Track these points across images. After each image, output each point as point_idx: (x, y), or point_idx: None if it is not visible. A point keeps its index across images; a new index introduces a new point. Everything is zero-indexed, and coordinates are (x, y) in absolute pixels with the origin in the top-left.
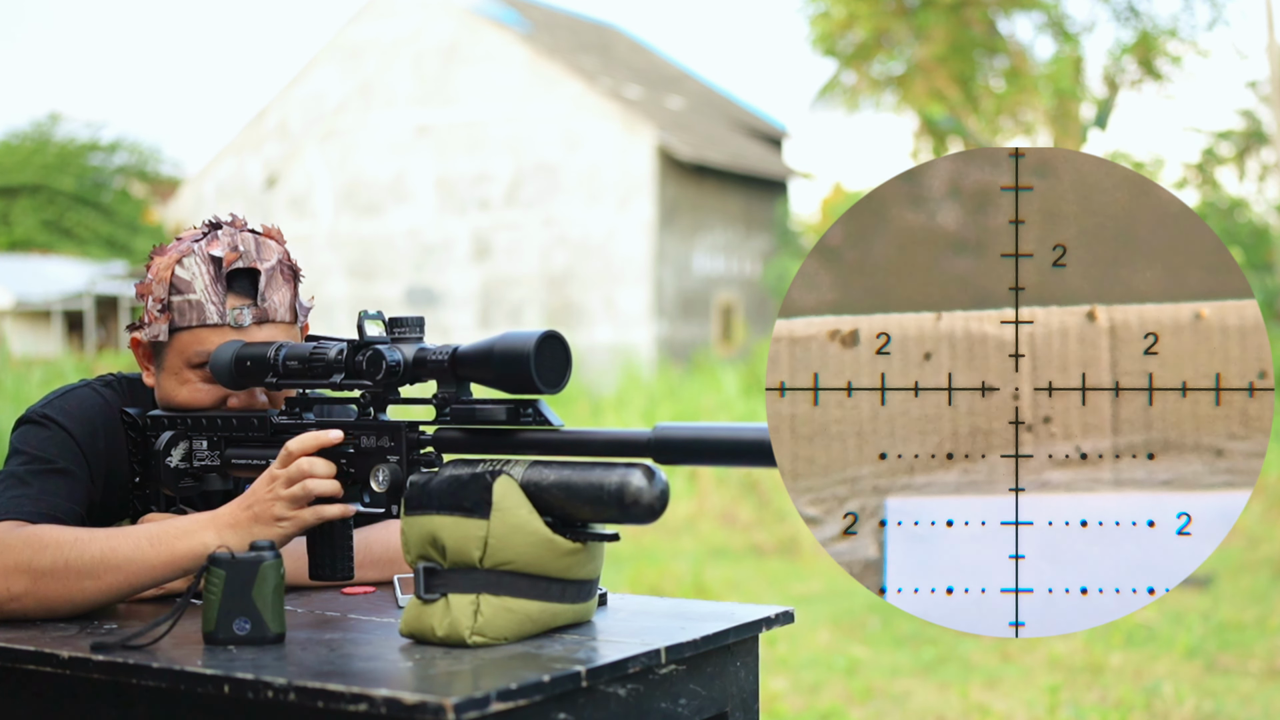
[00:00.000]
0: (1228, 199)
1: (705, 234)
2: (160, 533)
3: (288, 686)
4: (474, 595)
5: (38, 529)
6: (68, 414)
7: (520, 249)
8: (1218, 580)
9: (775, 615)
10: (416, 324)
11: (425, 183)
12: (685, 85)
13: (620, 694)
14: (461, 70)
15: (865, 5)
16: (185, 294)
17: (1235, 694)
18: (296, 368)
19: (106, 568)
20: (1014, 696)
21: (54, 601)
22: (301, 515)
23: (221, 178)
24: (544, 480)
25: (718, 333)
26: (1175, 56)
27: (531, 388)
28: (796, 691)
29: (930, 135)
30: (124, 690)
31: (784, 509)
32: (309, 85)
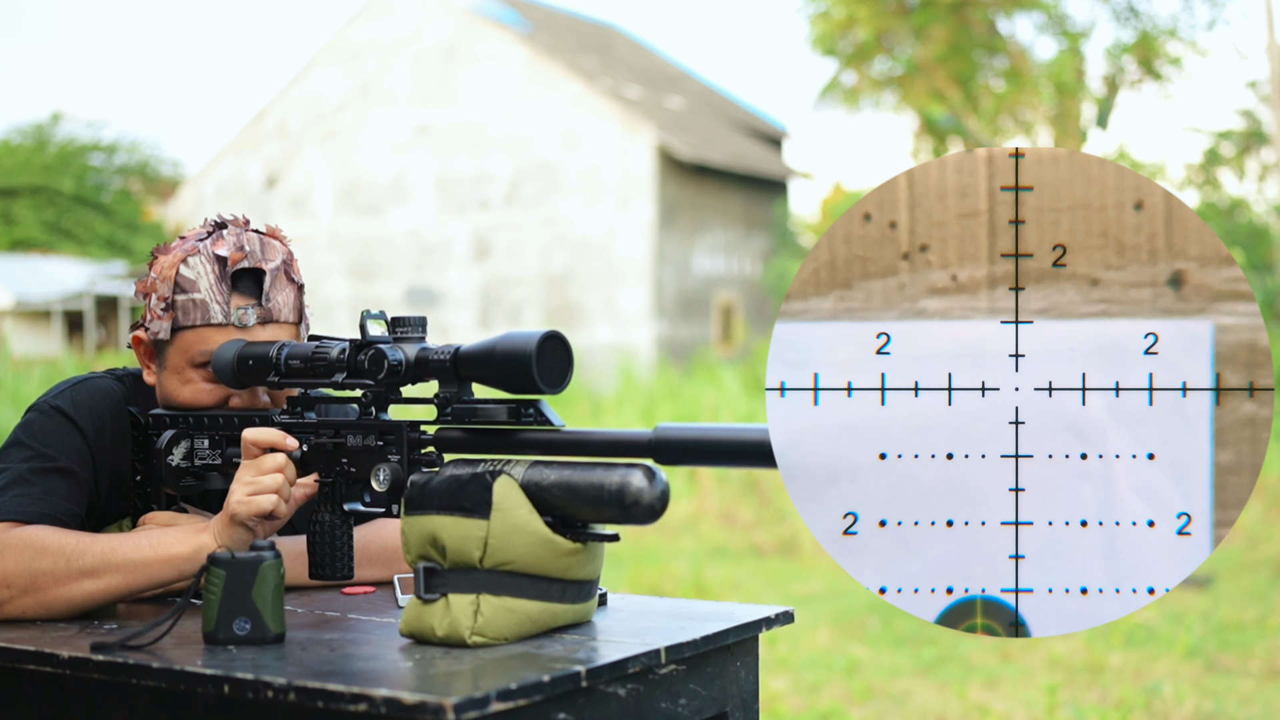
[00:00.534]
0: (1228, 199)
1: (705, 234)
2: (160, 535)
3: (288, 686)
4: (474, 595)
5: (37, 530)
6: (78, 406)
7: (520, 249)
8: (1218, 580)
9: (775, 615)
10: (419, 324)
11: (425, 183)
12: (685, 85)
13: (620, 694)
14: (461, 70)
15: (865, 5)
16: (190, 293)
17: (1235, 694)
18: (298, 367)
19: (106, 568)
20: (1014, 696)
21: (52, 602)
22: (256, 503)
23: (221, 178)
24: (544, 480)
25: (718, 333)
26: (1175, 57)
27: (533, 388)
28: (796, 691)
29: (930, 135)
30: (124, 690)
31: (784, 509)
32: (309, 85)
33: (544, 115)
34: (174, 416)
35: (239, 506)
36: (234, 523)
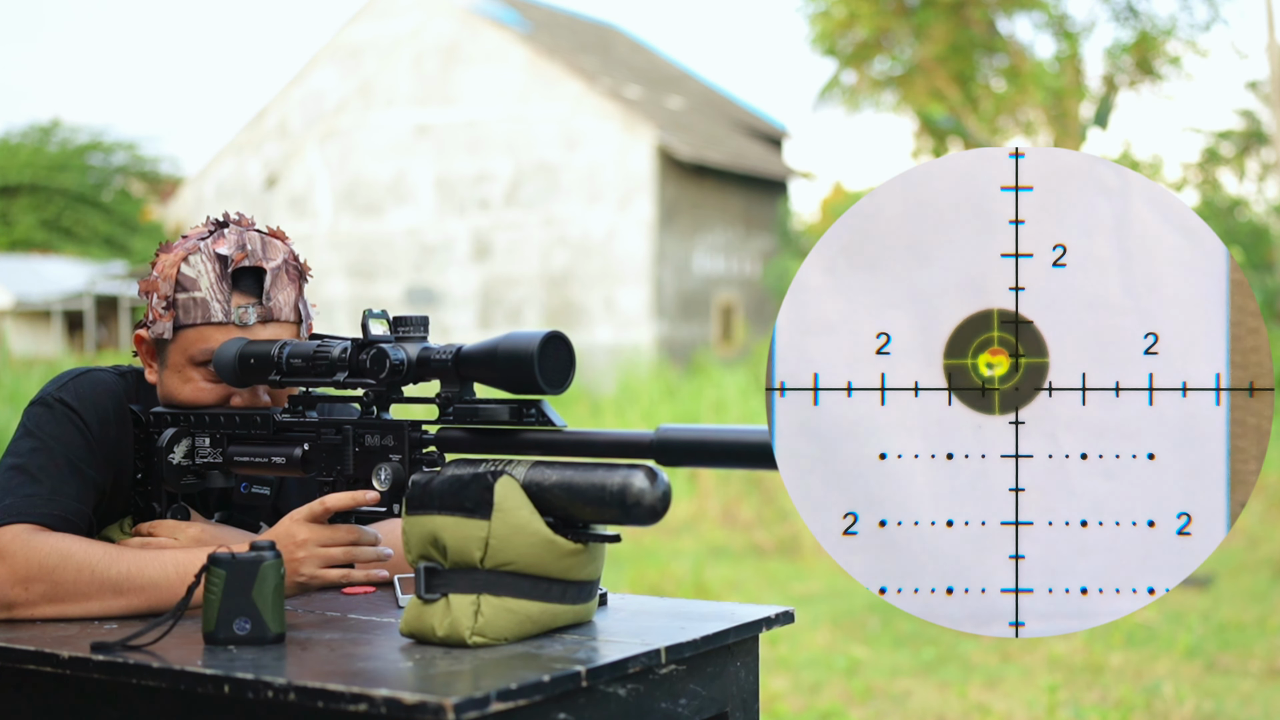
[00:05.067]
0: (1228, 199)
1: (705, 234)
2: (187, 560)
3: (288, 686)
4: (474, 595)
5: (62, 539)
6: (82, 399)
7: (520, 249)
8: (1218, 580)
9: (775, 615)
10: (420, 323)
11: (425, 183)
12: (685, 85)
13: (620, 694)
14: (461, 70)
15: (865, 5)
16: (191, 291)
17: (1235, 694)
18: (300, 365)
19: (131, 588)
20: (1014, 696)
21: (70, 612)
22: (326, 576)
23: (221, 178)
24: (546, 481)
25: (718, 333)
26: (1174, 56)
27: (535, 388)
28: (796, 691)
29: (930, 135)
30: (124, 690)
31: (785, 508)
32: (309, 85)
33: (544, 115)
34: (175, 415)
35: (311, 577)
36: (295, 582)
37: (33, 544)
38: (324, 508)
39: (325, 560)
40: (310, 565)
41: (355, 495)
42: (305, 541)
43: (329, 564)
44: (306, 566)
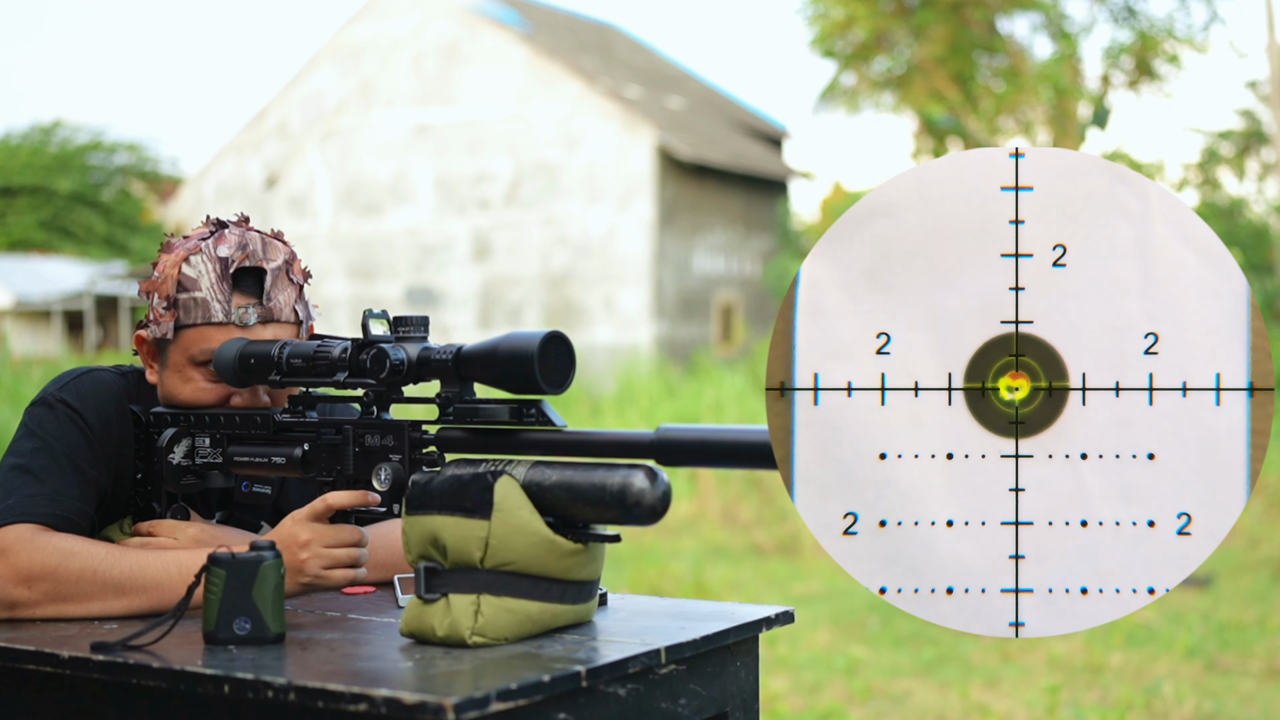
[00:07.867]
0: (1228, 199)
1: (705, 234)
2: (189, 561)
3: (288, 686)
4: (474, 595)
5: (66, 538)
6: (84, 399)
7: (520, 249)
8: (1218, 580)
9: (775, 615)
10: (421, 323)
11: (425, 183)
12: (685, 85)
13: (620, 694)
14: (461, 70)
15: (864, 6)
16: (191, 291)
17: (1235, 694)
18: (300, 365)
19: (134, 588)
20: (1014, 696)
21: (73, 612)
22: (331, 578)
23: (221, 178)
24: (546, 481)
25: (718, 333)
26: (1172, 56)
27: (535, 388)
28: (796, 691)
29: (930, 135)
30: (124, 690)
31: (785, 508)
32: (309, 85)
33: (544, 115)
34: (175, 415)
35: (315, 577)
36: (300, 583)
37: (36, 544)
38: (326, 505)
39: (330, 561)
40: (315, 566)
41: (359, 494)
42: (309, 542)
43: (334, 565)
44: (311, 567)
